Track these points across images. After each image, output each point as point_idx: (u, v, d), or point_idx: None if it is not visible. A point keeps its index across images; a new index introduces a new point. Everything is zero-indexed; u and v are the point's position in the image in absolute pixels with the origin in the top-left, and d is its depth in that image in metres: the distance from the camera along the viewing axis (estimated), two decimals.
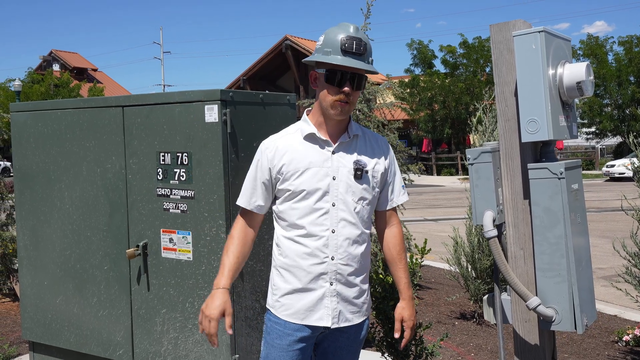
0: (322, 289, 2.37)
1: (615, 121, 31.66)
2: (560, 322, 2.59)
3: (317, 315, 2.39)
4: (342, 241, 2.37)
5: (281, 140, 2.46)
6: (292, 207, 2.39)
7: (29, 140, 4.02)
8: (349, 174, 2.38)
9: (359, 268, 2.44)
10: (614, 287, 5.49)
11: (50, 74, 36.61)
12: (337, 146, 2.41)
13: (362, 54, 2.34)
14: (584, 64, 2.60)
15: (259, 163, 2.45)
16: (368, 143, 2.50)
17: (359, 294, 2.46)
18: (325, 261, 2.36)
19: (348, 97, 2.33)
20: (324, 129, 2.43)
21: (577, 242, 2.61)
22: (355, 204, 2.39)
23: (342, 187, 2.37)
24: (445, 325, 5.60)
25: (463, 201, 17.51)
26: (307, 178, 2.35)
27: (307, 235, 2.37)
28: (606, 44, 32.64)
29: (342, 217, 2.37)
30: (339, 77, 2.31)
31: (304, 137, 2.42)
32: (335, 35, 2.34)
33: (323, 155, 2.39)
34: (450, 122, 31.95)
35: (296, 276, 2.39)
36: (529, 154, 2.72)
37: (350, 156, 2.41)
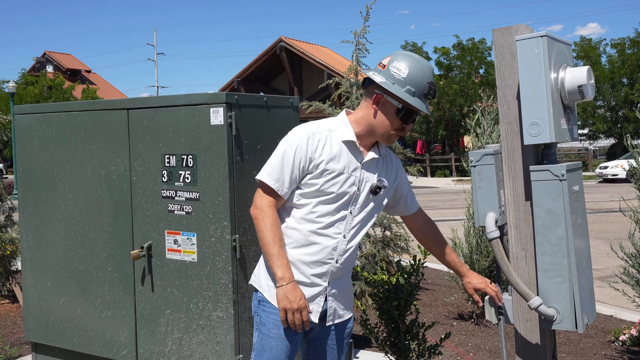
0: (320, 287, 2.45)
1: (609, 123, 31.85)
2: (561, 321, 2.63)
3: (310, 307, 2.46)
4: (348, 247, 2.47)
5: (323, 134, 2.42)
6: (315, 203, 2.41)
7: (33, 142, 4.04)
8: (369, 188, 2.49)
9: (349, 270, 2.58)
10: (610, 288, 5.55)
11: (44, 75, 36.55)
12: (368, 160, 2.49)
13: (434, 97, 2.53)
14: (585, 68, 2.65)
15: (299, 148, 2.38)
16: (387, 162, 2.61)
17: (347, 292, 2.60)
18: (330, 262, 2.44)
19: (407, 132, 2.48)
20: (361, 140, 2.49)
21: (578, 242, 2.66)
22: (368, 215, 2.51)
23: (361, 199, 2.47)
24: (443, 325, 5.65)
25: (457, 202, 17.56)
26: (339, 182, 2.41)
27: (320, 234, 2.42)
28: (599, 46, 32.88)
29: (355, 226, 2.47)
30: (410, 116, 2.45)
31: (343, 141, 2.44)
32: (422, 77, 2.42)
33: (354, 164, 2.45)
34: (445, 123, 32.06)
35: (299, 268, 2.43)
36: (531, 156, 2.77)
37: (375, 172, 2.52)
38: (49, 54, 48.49)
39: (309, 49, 32.38)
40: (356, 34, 6.26)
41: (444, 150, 33.83)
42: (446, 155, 32.54)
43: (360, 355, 4.83)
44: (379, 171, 2.54)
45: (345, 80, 6.37)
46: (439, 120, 31.97)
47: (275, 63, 32.65)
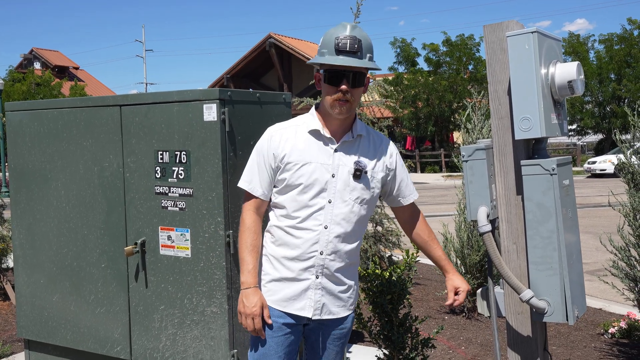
0: (308, 281, 2.42)
1: (597, 118, 32.08)
2: (552, 313, 2.67)
3: (299, 304, 2.44)
4: (333, 238, 2.41)
5: (287, 130, 2.49)
6: (288, 198, 2.42)
7: (25, 139, 4.03)
8: (349, 174, 2.42)
9: (347, 264, 2.49)
10: (599, 282, 5.61)
11: (32, 72, 36.22)
12: (340, 145, 2.44)
13: (357, 51, 2.36)
14: (574, 64, 2.68)
15: (265, 149, 2.48)
16: (372, 144, 2.53)
17: (345, 289, 2.51)
18: (314, 255, 2.40)
19: (346, 95, 2.36)
20: (327, 126, 2.46)
21: (568, 236, 2.70)
22: (352, 203, 2.43)
23: (340, 186, 2.40)
24: (435, 319, 5.69)
25: (448, 198, 17.64)
26: (306, 172, 2.39)
27: (299, 228, 2.40)
28: (587, 41, 33.09)
29: (337, 215, 2.40)
30: (335, 77, 2.36)
31: (309, 131, 2.45)
32: (331, 36, 2.38)
33: (325, 152, 2.42)
34: (434, 119, 32.15)
35: (285, 265, 2.43)
36: (522, 151, 2.80)
37: (352, 156, 2.45)
38: (37, 51, 48.14)
39: (298, 45, 32.36)
40: None
41: (433, 146, 33.91)
42: (436, 151, 32.63)
43: (353, 349, 4.86)
44: (360, 154, 2.48)
45: None
46: (428, 117, 32.05)
47: (265, 59, 32.61)
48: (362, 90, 2.47)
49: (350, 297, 2.57)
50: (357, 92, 2.42)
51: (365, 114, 6.28)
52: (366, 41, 2.41)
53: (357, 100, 2.44)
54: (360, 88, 2.43)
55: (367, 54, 2.41)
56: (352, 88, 2.38)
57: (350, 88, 2.37)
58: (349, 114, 2.43)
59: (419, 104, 31.98)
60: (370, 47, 2.44)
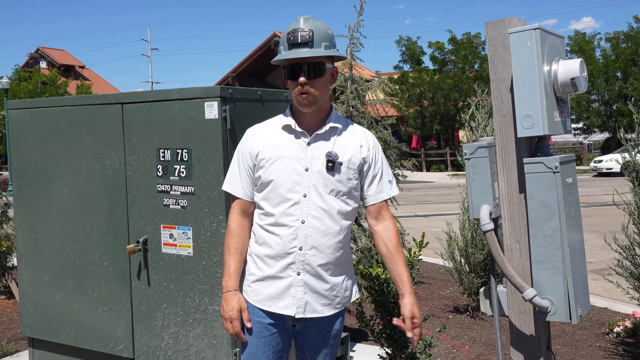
0: (290, 279, 2.38)
1: (603, 117, 31.94)
2: (555, 312, 2.65)
3: (282, 303, 2.39)
4: (312, 232, 2.35)
5: (262, 128, 2.50)
6: (264, 196, 2.41)
7: (27, 137, 4.03)
8: (322, 166, 2.37)
9: (332, 260, 2.41)
10: (604, 281, 5.58)
11: (38, 71, 36.39)
12: (313, 137, 2.41)
13: (309, 42, 2.33)
14: (577, 61, 2.66)
15: (242, 149, 2.50)
16: (348, 135, 2.47)
17: (331, 287, 2.43)
18: (293, 251, 2.36)
19: (305, 87, 2.33)
20: (301, 121, 2.44)
21: (572, 234, 2.68)
22: (328, 196, 2.37)
23: (314, 179, 2.36)
24: (439, 318, 5.68)
25: (453, 197, 17.61)
26: (279, 168, 2.37)
27: (276, 225, 2.37)
28: (594, 40, 32.93)
29: (314, 208, 2.36)
30: (292, 71, 2.34)
31: (282, 127, 2.45)
32: (285, 32, 2.38)
33: (298, 146, 2.40)
34: (439, 118, 32.08)
35: (267, 264, 2.41)
36: (524, 149, 2.78)
37: (325, 148, 2.40)
38: (43, 50, 48.27)
39: None
40: (350, 28, 6.27)
41: (439, 144, 33.84)
42: (441, 150, 32.56)
43: (357, 348, 4.85)
44: (334, 145, 2.42)
45: (339, 75, 6.37)
46: (433, 115, 31.98)
47: (270, 58, 32.29)
48: (327, 81, 2.41)
49: (337, 295, 2.46)
50: (317, 83, 2.36)
51: (369, 113, 6.26)
52: (320, 31, 2.36)
53: (321, 91, 2.38)
54: (320, 78, 2.37)
55: (323, 42, 2.36)
56: (311, 79, 2.34)
57: (309, 79, 2.33)
58: (313, 106, 2.38)
59: (424, 102, 31.91)
60: (326, 36, 2.39)
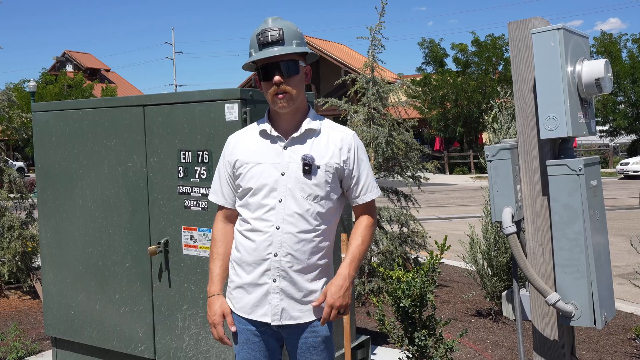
0: (266, 286, 2.33)
1: (629, 119, 31.43)
2: (579, 317, 2.60)
3: (261, 310, 2.35)
4: (287, 238, 2.30)
5: (241, 135, 2.47)
6: (244, 202, 2.38)
7: (51, 139, 4.08)
8: (299, 170, 2.31)
9: (309, 266, 2.34)
10: (630, 285, 5.47)
11: (64, 74, 36.91)
12: (289, 141, 2.35)
13: (279, 40, 2.30)
14: (602, 61, 2.61)
15: (222, 157, 2.48)
16: (326, 136, 2.40)
17: (308, 293, 2.35)
18: (269, 258, 2.31)
19: (281, 87, 2.29)
20: (278, 125, 2.39)
21: (596, 238, 2.63)
22: (305, 201, 2.31)
23: (290, 183, 2.31)
24: (461, 322, 5.62)
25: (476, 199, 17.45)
26: (255, 174, 2.34)
27: (252, 230, 2.34)
28: (620, 41, 32.44)
29: (289, 214, 2.30)
30: (266, 72, 2.30)
31: (259, 133, 2.41)
32: (254, 34, 2.34)
33: (275, 150, 2.35)
34: (463, 120, 31.85)
35: (245, 270, 2.37)
36: (548, 151, 2.74)
37: (302, 151, 2.34)
38: (69, 54, 49.01)
39: (327, 46, 32.36)
40: (372, 30, 6.25)
41: (462, 147, 33.60)
42: (464, 152, 32.33)
43: (378, 351, 4.82)
44: (311, 148, 2.35)
45: (361, 77, 6.36)
46: (457, 117, 31.77)
47: None
48: (302, 79, 2.37)
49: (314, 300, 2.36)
50: (293, 81, 2.31)
51: (391, 115, 6.23)
52: (289, 29, 2.34)
53: (297, 89, 2.33)
54: (296, 76, 2.33)
55: (294, 40, 2.34)
56: (287, 78, 2.30)
57: (284, 78, 2.29)
58: (291, 105, 2.33)
59: (447, 104, 31.71)
60: (296, 34, 2.36)
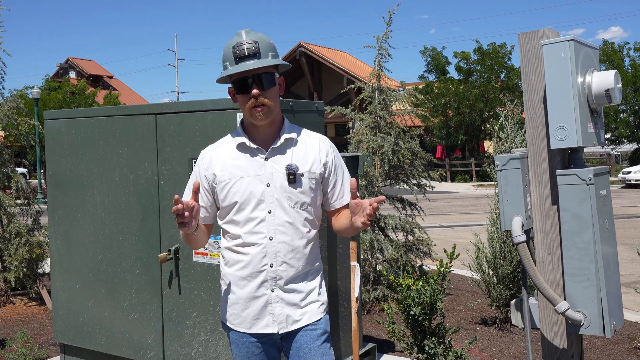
0: (265, 297, 2.34)
1: (631, 127, 31.49)
2: (589, 326, 2.62)
3: (263, 322, 2.35)
4: (281, 248, 2.32)
5: (216, 149, 2.43)
6: (230, 219, 2.35)
7: (63, 147, 4.12)
8: (283, 179, 2.32)
9: (302, 271, 2.38)
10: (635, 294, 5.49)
11: (67, 81, 37.01)
12: (270, 152, 2.36)
13: (256, 53, 2.30)
14: (612, 72, 2.64)
15: (196, 172, 2.43)
16: (304, 143, 2.42)
17: (305, 295, 2.39)
18: (264, 269, 2.32)
19: (260, 99, 2.28)
20: (255, 137, 2.38)
21: (605, 247, 2.65)
22: (292, 209, 2.33)
23: (277, 194, 2.32)
24: (467, 330, 5.63)
25: (478, 207, 17.47)
26: (240, 188, 2.32)
27: (245, 245, 2.33)
28: (622, 49, 32.53)
29: (280, 224, 2.32)
30: (243, 85, 2.29)
31: (236, 146, 2.38)
32: (229, 47, 2.34)
33: (256, 163, 2.35)
34: (464, 128, 31.89)
35: (239, 285, 2.36)
36: (557, 161, 2.77)
37: (284, 161, 2.35)
38: (72, 60, 49.16)
39: (329, 54, 32.44)
40: (378, 39, 6.29)
41: (464, 155, 33.63)
42: (466, 160, 32.36)
43: (384, 359, 4.83)
44: (292, 157, 2.36)
45: (367, 86, 6.40)
46: (458, 125, 31.81)
47: (295, 68, 32.77)
48: (277, 90, 2.38)
49: (313, 301, 2.41)
50: (270, 94, 2.32)
51: (397, 123, 6.27)
52: (264, 41, 2.35)
53: (274, 102, 2.34)
54: (273, 88, 2.34)
55: (269, 52, 2.34)
56: (264, 90, 2.30)
57: (262, 90, 2.29)
58: (269, 117, 2.34)
59: (449, 112, 31.77)
60: (270, 46, 2.37)
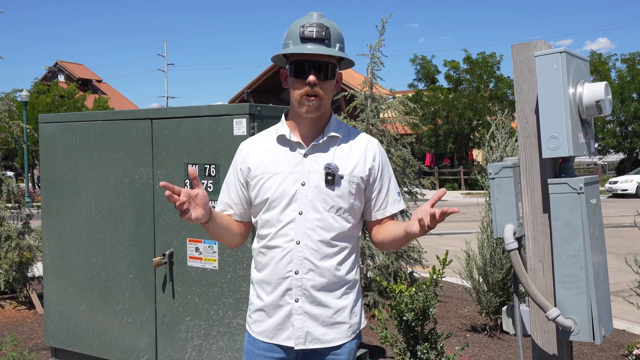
0: (288, 306, 2.13)
1: (618, 138, 31.83)
2: (579, 332, 2.67)
3: (284, 334, 2.14)
4: (309, 254, 2.10)
5: (254, 141, 2.27)
6: (260, 217, 2.18)
7: (57, 150, 4.13)
8: (321, 180, 2.12)
9: (333, 283, 2.14)
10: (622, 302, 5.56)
11: (56, 85, 36.83)
12: (310, 148, 2.16)
13: (325, 39, 2.10)
14: (602, 84, 2.71)
15: (233, 165, 2.27)
16: (350, 144, 2.21)
17: (335, 312, 2.15)
18: (289, 276, 2.11)
19: (314, 89, 2.08)
20: (297, 130, 2.19)
21: (595, 255, 2.71)
22: (327, 213, 2.12)
23: (311, 194, 2.11)
24: (456, 337, 5.68)
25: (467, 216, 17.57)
26: (273, 185, 2.13)
27: (270, 247, 2.14)
28: (609, 61, 32.91)
29: (310, 228, 2.11)
30: (301, 68, 2.09)
31: (277, 138, 2.20)
32: (296, 25, 2.12)
33: (294, 158, 2.15)
34: (453, 137, 32.09)
35: (264, 290, 2.18)
36: (549, 170, 2.82)
37: (324, 160, 2.15)
38: (61, 64, 48.98)
39: None
40: (372, 47, 6.35)
41: (452, 163, 33.83)
42: (455, 169, 32.54)
43: None
44: (334, 156, 2.16)
45: (360, 93, 6.45)
46: (447, 134, 31.99)
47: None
48: (334, 85, 2.18)
49: (344, 322, 2.17)
50: (327, 86, 2.12)
51: (389, 131, 6.32)
52: (335, 30, 2.15)
53: (328, 96, 2.14)
54: (331, 81, 2.14)
55: (337, 43, 2.15)
56: (322, 80, 2.10)
57: (320, 80, 2.09)
58: (319, 111, 2.14)
59: (438, 121, 31.95)
60: (340, 37, 2.18)
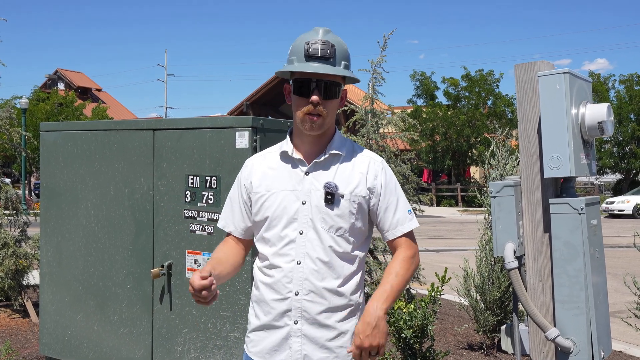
0: (287, 328, 2.08)
1: (615, 158, 31.93)
2: (577, 353, 2.66)
3: (281, 356, 2.10)
4: (309, 275, 2.06)
5: (258, 158, 2.24)
6: (261, 236, 2.15)
7: (58, 159, 4.12)
8: (321, 198, 2.07)
9: (335, 305, 2.08)
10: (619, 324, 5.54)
11: (56, 92, 36.88)
12: (312, 166, 2.12)
13: (329, 57, 2.06)
14: (605, 105, 2.72)
15: (238, 181, 2.26)
16: (352, 162, 2.16)
17: (335, 335, 2.09)
18: (289, 297, 2.07)
19: (317, 108, 2.05)
20: (300, 147, 2.15)
21: (595, 276, 2.70)
22: (326, 233, 2.07)
23: (312, 213, 2.07)
24: (453, 355, 5.65)
25: (464, 232, 17.56)
26: (274, 203, 2.10)
27: (270, 267, 2.11)
28: (608, 81, 33.10)
29: (311, 248, 2.07)
30: (304, 87, 2.05)
31: (279, 155, 2.17)
32: (301, 41, 2.09)
33: (296, 175, 2.12)
34: (451, 153, 32.16)
35: (263, 311, 2.13)
36: (550, 189, 2.83)
37: (325, 178, 2.10)
38: (61, 72, 49.08)
39: None
40: (373, 63, 6.38)
41: (450, 180, 33.88)
42: (452, 185, 32.58)
43: None
44: (336, 175, 2.12)
45: (360, 108, 6.47)
46: (446, 150, 32.07)
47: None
48: (337, 104, 2.15)
49: (344, 347, 2.10)
50: (330, 105, 2.09)
51: (389, 146, 6.33)
52: (341, 47, 2.11)
53: (331, 115, 2.11)
54: (335, 100, 2.10)
55: (342, 61, 2.11)
56: (325, 99, 2.06)
57: (323, 99, 2.05)
58: (321, 130, 2.10)
59: (436, 137, 32.03)
60: (346, 54, 2.14)
